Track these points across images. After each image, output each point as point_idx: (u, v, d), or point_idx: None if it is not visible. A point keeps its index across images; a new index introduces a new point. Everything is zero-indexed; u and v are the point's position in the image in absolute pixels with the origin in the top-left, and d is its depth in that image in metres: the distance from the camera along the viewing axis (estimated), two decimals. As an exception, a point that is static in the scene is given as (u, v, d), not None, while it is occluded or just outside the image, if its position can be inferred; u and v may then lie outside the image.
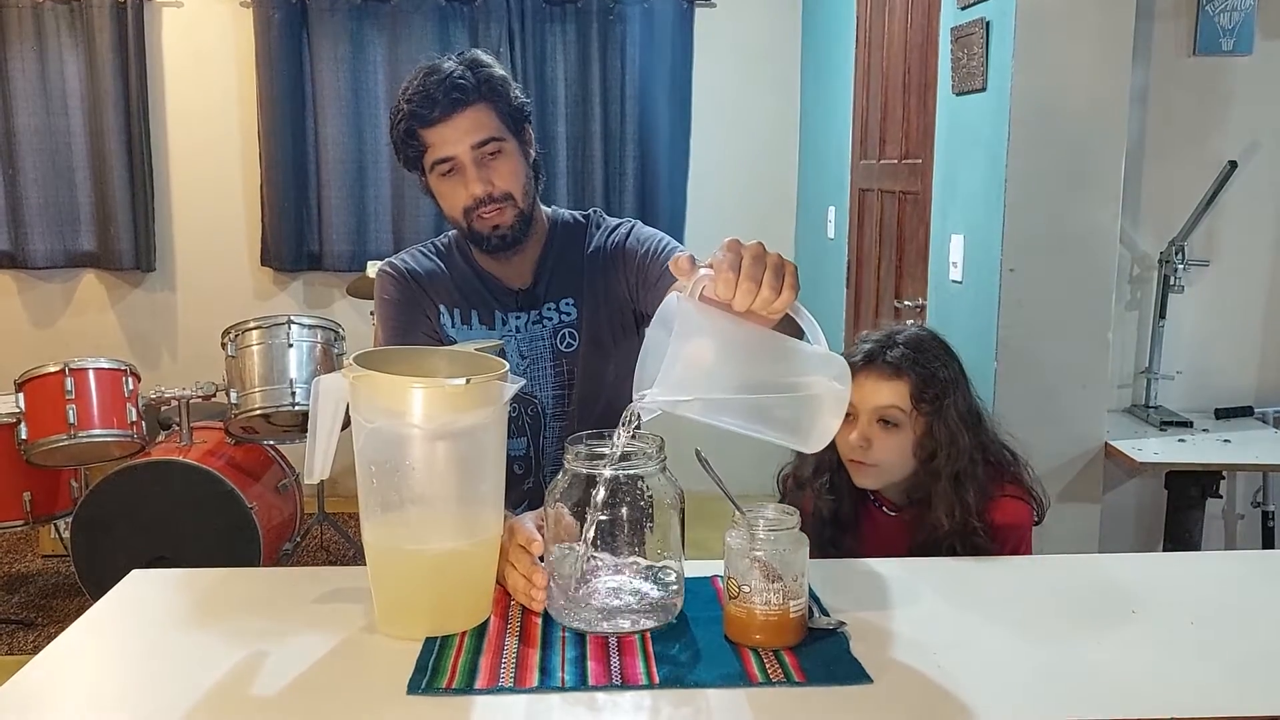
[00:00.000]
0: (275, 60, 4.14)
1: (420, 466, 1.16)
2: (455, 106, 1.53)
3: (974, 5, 2.58)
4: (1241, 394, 2.80)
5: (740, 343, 1.09)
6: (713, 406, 1.07)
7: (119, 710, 1.05)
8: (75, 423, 3.07)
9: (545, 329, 1.67)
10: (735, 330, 1.09)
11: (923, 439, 1.57)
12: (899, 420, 1.57)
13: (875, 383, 1.58)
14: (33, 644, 3.11)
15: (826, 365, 1.11)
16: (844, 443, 1.58)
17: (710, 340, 1.07)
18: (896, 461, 1.58)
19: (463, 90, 1.53)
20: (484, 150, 1.56)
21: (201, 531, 3.08)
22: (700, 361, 1.06)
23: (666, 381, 1.04)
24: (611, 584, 1.19)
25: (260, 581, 1.42)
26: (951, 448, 1.56)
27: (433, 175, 1.59)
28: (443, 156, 1.56)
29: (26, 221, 4.21)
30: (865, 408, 1.58)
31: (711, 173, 4.40)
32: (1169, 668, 1.11)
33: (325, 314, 3.88)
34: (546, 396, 1.68)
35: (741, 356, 1.09)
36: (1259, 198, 2.74)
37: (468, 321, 1.67)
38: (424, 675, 1.07)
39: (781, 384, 1.10)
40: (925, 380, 1.58)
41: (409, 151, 1.58)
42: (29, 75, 4.14)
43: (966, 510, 1.53)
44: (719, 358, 1.08)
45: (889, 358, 1.59)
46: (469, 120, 1.55)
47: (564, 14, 4.22)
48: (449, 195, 1.59)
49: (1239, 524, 2.87)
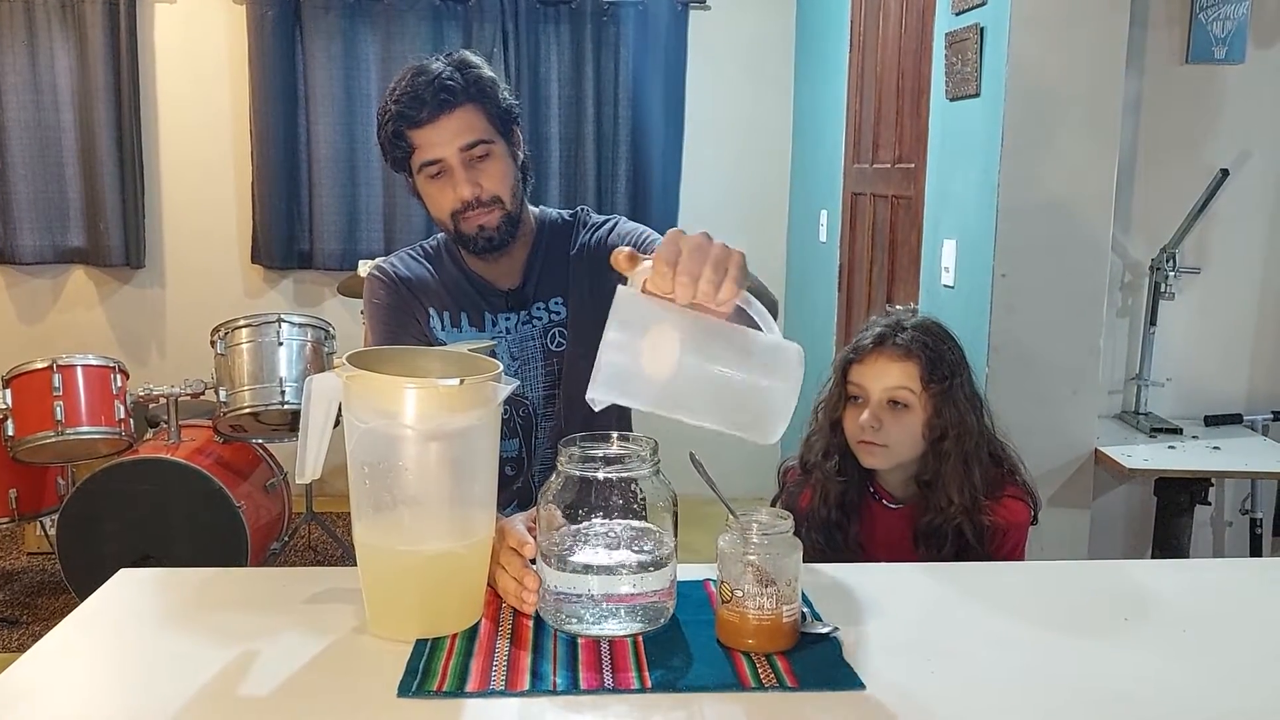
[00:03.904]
0: (268, 57, 4.13)
1: (413, 467, 1.15)
2: (443, 108, 1.52)
3: (968, 10, 2.59)
4: (1231, 401, 2.82)
5: (681, 334, 1.05)
6: (662, 398, 1.05)
7: (105, 710, 1.04)
8: (62, 419, 3.05)
9: (535, 329, 1.67)
10: (677, 321, 1.05)
11: (931, 420, 1.60)
12: (909, 401, 1.60)
13: (886, 364, 1.61)
14: (17, 642, 3.09)
15: (776, 353, 1.08)
16: (854, 425, 1.61)
17: (648, 332, 1.05)
18: (906, 442, 1.60)
19: (451, 91, 1.52)
20: (472, 152, 1.54)
21: (189, 530, 3.06)
22: (637, 353, 1.04)
23: (600, 374, 1.02)
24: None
25: (248, 581, 1.41)
26: (960, 427, 1.59)
27: (420, 177, 1.58)
28: (431, 159, 1.55)
29: (15, 217, 4.18)
30: (876, 389, 1.60)
31: (704, 175, 4.40)
32: (1160, 675, 1.11)
33: (316, 313, 3.86)
34: (538, 396, 1.68)
35: (687, 347, 1.06)
36: (1250, 206, 2.75)
37: (457, 324, 1.67)
38: (414, 678, 1.07)
39: (728, 374, 1.07)
40: (934, 362, 1.60)
41: (396, 153, 1.57)
42: (19, 70, 4.11)
43: (975, 489, 1.56)
44: (657, 349, 1.05)
45: (899, 340, 1.62)
46: (458, 122, 1.53)
47: (558, 15, 4.21)
48: (436, 197, 1.58)
49: (1227, 531, 2.88)
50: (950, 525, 1.56)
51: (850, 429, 1.62)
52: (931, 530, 1.57)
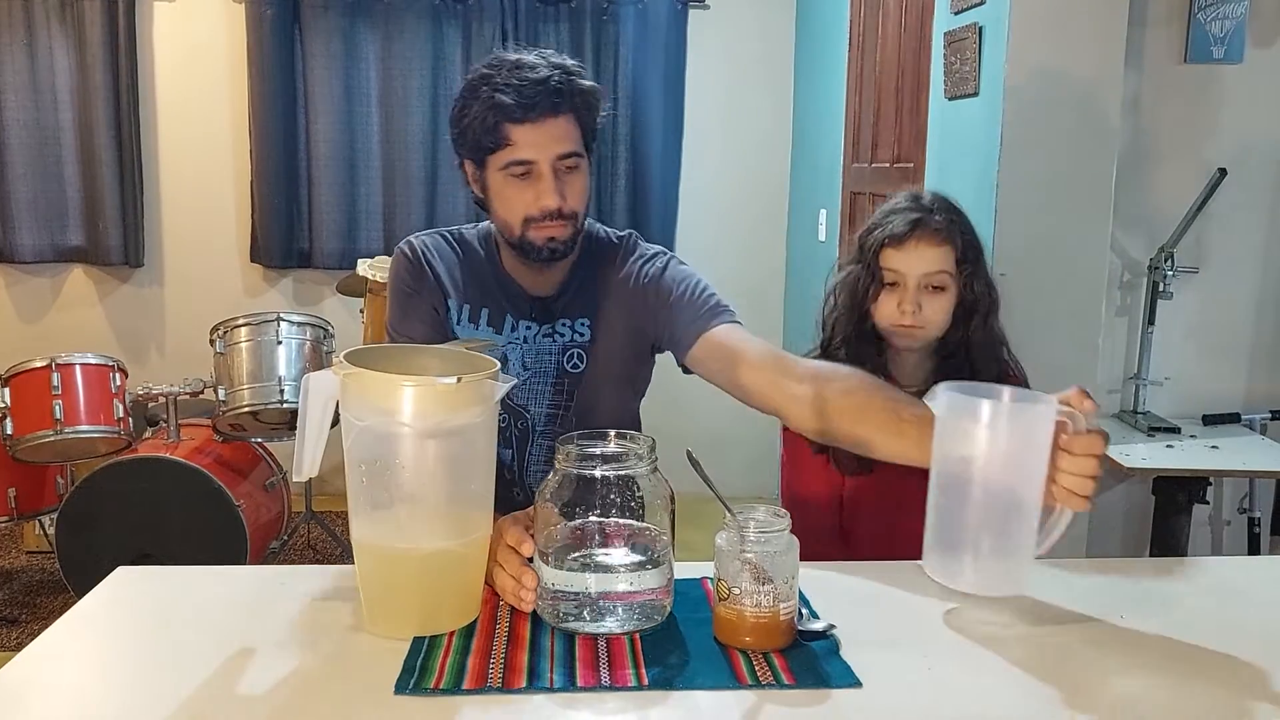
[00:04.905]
0: (267, 56, 4.12)
1: (410, 465, 1.15)
2: (552, 111, 1.47)
3: (967, 10, 2.59)
4: (1229, 400, 2.82)
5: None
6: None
7: (103, 708, 1.04)
8: (61, 418, 3.05)
9: (555, 344, 1.62)
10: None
11: (963, 298, 1.65)
12: (945, 284, 1.64)
13: (925, 249, 1.63)
14: (15, 641, 3.09)
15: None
16: (891, 309, 1.63)
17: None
18: (938, 322, 1.65)
19: (561, 96, 1.47)
20: (565, 163, 1.49)
21: (188, 529, 3.06)
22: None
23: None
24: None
25: (247, 580, 1.41)
26: (988, 299, 1.66)
27: (499, 173, 1.50)
28: (522, 159, 1.48)
29: (14, 215, 4.18)
30: (915, 274, 1.62)
31: (704, 174, 4.40)
32: (1157, 673, 1.11)
33: (315, 311, 3.87)
34: (540, 412, 1.63)
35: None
36: (1248, 205, 2.75)
37: (476, 320, 1.62)
38: (411, 675, 1.07)
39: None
40: (967, 244, 1.65)
41: (485, 141, 1.48)
42: (18, 68, 4.11)
43: (1000, 359, 1.67)
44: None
45: (935, 224, 1.63)
46: (559, 129, 1.48)
47: (557, 14, 4.21)
48: (513, 198, 1.51)
49: (1225, 530, 2.88)
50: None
51: (887, 313, 1.64)
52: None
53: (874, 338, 1.67)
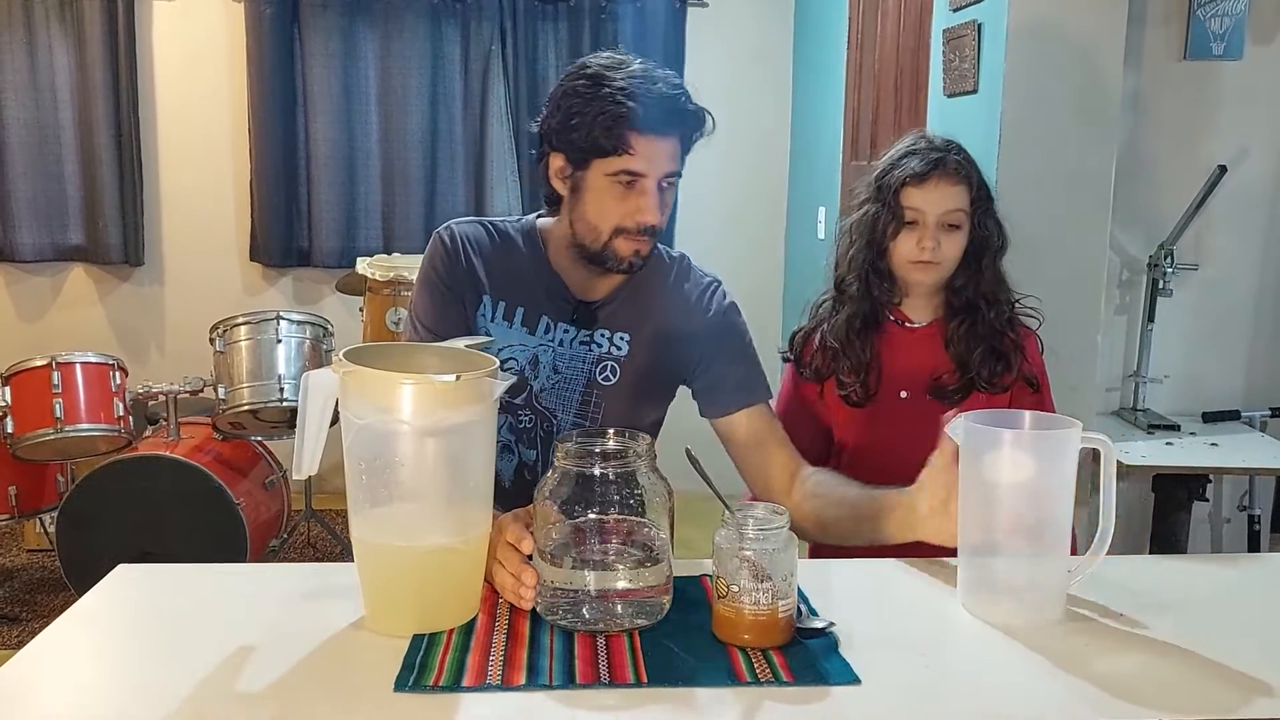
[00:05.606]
0: (266, 55, 4.12)
1: (409, 463, 1.16)
2: (671, 127, 1.47)
3: (966, 7, 2.59)
4: (1229, 398, 2.82)
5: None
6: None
7: (103, 706, 1.04)
8: (62, 417, 3.05)
9: (590, 353, 1.59)
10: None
11: (975, 235, 1.71)
12: (960, 222, 1.69)
13: (946, 188, 1.68)
14: (16, 639, 3.09)
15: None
16: (911, 247, 1.68)
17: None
18: (952, 259, 1.70)
19: (684, 118, 1.48)
20: (668, 180, 1.49)
21: (188, 527, 3.06)
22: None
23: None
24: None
25: (247, 578, 1.41)
26: (999, 239, 1.73)
27: (603, 177, 1.47)
28: (636, 170, 1.45)
29: (14, 214, 4.18)
30: (934, 212, 1.68)
31: (702, 172, 4.37)
32: (1157, 669, 1.11)
33: (314, 310, 3.87)
34: (566, 419, 1.60)
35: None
36: (1248, 202, 2.75)
37: (510, 319, 1.58)
38: (411, 672, 1.07)
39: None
40: (980, 183, 1.72)
41: (603, 142, 1.44)
42: (18, 67, 4.11)
43: (1008, 292, 1.73)
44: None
45: (953, 163, 1.69)
46: (673, 147, 1.48)
47: (555, 12, 4.21)
48: (613, 206, 1.47)
49: (1225, 527, 2.88)
50: (988, 316, 1.70)
51: (906, 251, 1.69)
52: (969, 335, 1.70)
53: (889, 275, 1.73)
